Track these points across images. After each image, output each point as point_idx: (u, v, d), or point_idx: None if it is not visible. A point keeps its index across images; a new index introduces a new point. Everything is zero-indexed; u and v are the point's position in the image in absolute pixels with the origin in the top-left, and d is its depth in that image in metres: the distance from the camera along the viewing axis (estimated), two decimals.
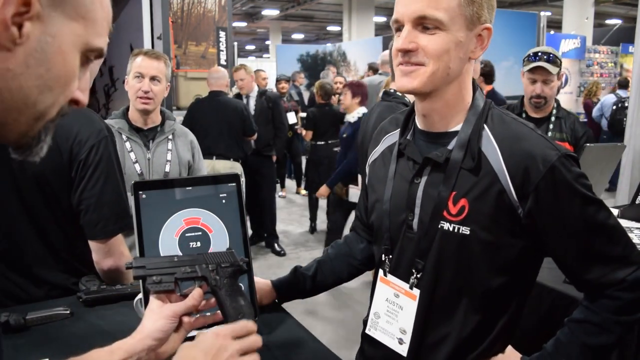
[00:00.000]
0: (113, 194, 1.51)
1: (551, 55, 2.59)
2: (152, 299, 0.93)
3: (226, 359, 0.82)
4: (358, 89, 4.25)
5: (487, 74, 4.40)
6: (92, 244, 1.52)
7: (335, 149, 5.63)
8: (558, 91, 2.77)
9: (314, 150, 5.75)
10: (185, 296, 0.95)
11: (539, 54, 2.60)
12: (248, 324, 0.89)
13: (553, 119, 2.69)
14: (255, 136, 4.77)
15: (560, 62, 2.63)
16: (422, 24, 1.00)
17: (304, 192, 7.05)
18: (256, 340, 0.87)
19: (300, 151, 7.69)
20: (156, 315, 0.90)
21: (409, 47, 1.01)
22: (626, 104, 7.33)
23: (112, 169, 1.52)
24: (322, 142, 5.68)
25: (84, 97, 0.62)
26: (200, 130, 4.37)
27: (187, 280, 0.97)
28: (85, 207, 1.48)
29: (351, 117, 4.31)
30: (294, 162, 8.00)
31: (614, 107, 7.74)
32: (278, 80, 7.29)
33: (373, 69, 6.95)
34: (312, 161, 5.83)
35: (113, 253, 1.53)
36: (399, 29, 1.04)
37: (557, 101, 2.75)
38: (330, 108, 5.69)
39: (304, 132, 5.98)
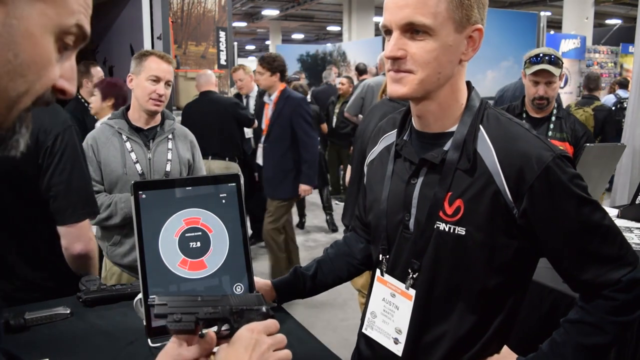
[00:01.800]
0: (80, 180, 1.59)
1: (553, 56, 2.59)
2: (169, 343, 0.90)
3: (264, 351, 0.85)
4: (111, 90, 3.28)
5: (282, 70, 3.98)
6: (61, 230, 1.58)
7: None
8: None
9: None
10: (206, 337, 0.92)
11: (541, 55, 2.59)
12: (275, 323, 0.92)
13: (553, 119, 2.70)
14: (256, 124, 4.75)
15: (562, 62, 2.63)
16: (411, 30, 0.99)
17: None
18: (283, 337, 0.90)
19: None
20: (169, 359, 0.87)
21: (398, 54, 1.01)
22: (625, 105, 7.37)
23: (77, 156, 1.59)
24: None
25: (69, 87, 0.59)
26: (194, 131, 4.38)
27: (209, 320, 0.95)
28: (55, 193, 1.54)
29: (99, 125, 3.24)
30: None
31: (613, 108, 7.74)
32: (289, 82, 7.33)
33: (359, 70, 6.94)
34: None
35: (82, 237, 1.59)
36: (388, 33, 1.03)
37: (557, 101, 2.75)
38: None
39: None
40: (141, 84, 2.24)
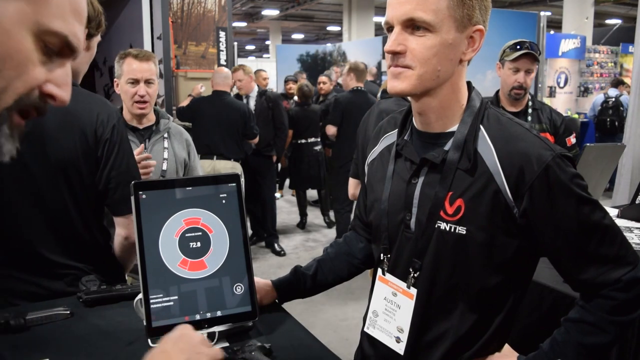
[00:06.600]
0: (136, 170, 1.60)
1: (533, 43, 2.60)
2: None
3: (194, 345, 0.85)
4: None
5: None
6: (120, 220, 1.58)
7: (316, 147, 5.79)
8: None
9: (295, 148, 5.86)
10: None
11: (521, 43, 2.59)
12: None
13: (530, 111, 2.69)
14: (257, 140, 4.77)
15: (540, 52, 2.64)
16: (412, 25, 1.00)
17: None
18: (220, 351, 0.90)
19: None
20: None
21: (397, 49, 1.02)
22: (610, 104, 7.54)
23: (129, 147, 1.60)
24: (303, 141, 5.81)
25: (61, 93, 0.58)
26: (201, 128, 4.38)
27: None
28: (115, 184, 1.52)
29: None
30: None
31: (599, 108, 7.78)
32: (286, 81, 7.29)
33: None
34: (293, 159, 5.94)
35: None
36: (391, 30, 1.04)
37: (530, 94, 2.74)
38: (309, 107, 5.83)
39: None
40: (123, 87, 2.25)
